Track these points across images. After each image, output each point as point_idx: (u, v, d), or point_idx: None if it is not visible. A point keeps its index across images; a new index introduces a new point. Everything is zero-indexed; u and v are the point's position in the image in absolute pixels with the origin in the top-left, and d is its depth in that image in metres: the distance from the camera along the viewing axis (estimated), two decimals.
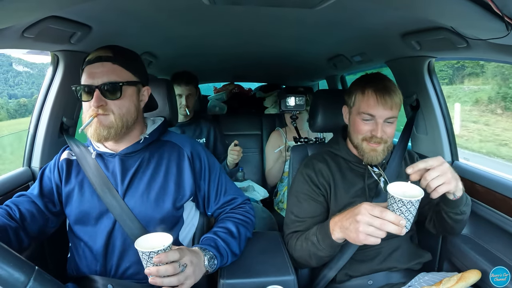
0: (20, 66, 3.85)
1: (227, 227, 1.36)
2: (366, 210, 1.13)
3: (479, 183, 1.64)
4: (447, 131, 1.89)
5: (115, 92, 1.21)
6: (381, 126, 1.42)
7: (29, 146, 1.71)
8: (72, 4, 1.14)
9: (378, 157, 1.46)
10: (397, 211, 1.09)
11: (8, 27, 1.11)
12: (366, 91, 1.44)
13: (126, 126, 1.26)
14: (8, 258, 0.64)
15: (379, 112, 1.42)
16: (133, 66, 1.29)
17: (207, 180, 1.43)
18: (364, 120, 1.45)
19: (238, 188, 1.54)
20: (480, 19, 0.96)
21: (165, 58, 2.55)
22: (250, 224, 1.45)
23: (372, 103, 1.42)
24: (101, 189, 1.28)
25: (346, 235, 1.21)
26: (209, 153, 1.49)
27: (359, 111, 1.46)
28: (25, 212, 1.27)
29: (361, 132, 1.46)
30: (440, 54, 1.74)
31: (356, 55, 2.32)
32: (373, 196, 1.52)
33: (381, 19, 1.50)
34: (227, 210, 1.46)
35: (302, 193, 1.53)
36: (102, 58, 1.22)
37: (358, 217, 1.13)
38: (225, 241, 1.30)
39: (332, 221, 1.29)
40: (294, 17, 1.58)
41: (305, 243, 1.39)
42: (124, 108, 1.25)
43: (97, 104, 1.19)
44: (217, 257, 1.25)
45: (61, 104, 1.73)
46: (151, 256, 1.03)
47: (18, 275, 0.63)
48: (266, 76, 4.33)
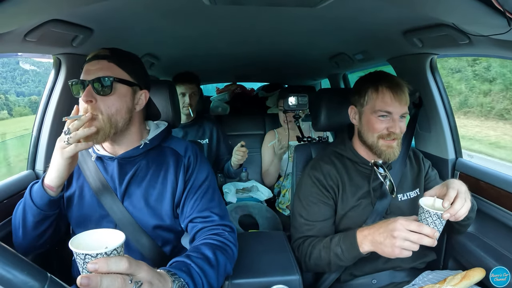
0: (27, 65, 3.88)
1: (202, 252, 1.14)
2: (402, 225, 1.16)
3: (483, 180, 1.63)
4: (450, 128, 1.88)
5: (106, 87, 1.17)
6: (398, 122, 1.43)
7: (33, 149, 1.72)
8: (73, 7, 1.14)
9: (395, 153, 1.46)
10: (431, 224, 1.14)
11: (10, 31, 1.12)
12: (380, 88, 1.43)
13: (115, 128, 1.21)
14: (21, 266, 0.64)
15: (396, 108, 1.42)
16: (130, 67, 1.26)
17: (192, 190, 1.32)
18: (380, 117, 1.44)
19: (225, 211, 1.36)
20: (482, 15, 0.95)
21: (167, 59, 2.56)
22: (230, 254, 1.22)
23: (388, 100, 1.41)
24: (100, 193, 1.28)
25: (379, 249, 1.22)
26: (209, 166, 1.42)
27: (374, 109, 1.44)
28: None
29: (378, 130, 1.45)
30: (443, 51, 1.73)
31: (358, 53, 2.32)
32: (378, 198, 1.51)
33: (383, 17, 1.49)
34: (199, 228, 1.27)
35: (311, 196, 1.52)
36: (99, 56, 1.21)
37: (395, 233, 1.16)
38: (200, 267, 1.07)
39: (360, 234, 1.29)
40: (295, 16, 1.58)
41: (324, 252, 1.38)
42: (114, 108, 1.19)
43: (86, 99, 1.15)
44: (190, 286, 1.00)
45: (64, 107, 1.74)
46: (87, 260, 0.76)
47: (32, 283, 0.63)
48: (268, 75, 4.33)
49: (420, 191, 1.59)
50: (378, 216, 1.49)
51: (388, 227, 1.19)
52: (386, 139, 1.44)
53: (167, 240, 1.33)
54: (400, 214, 1.50)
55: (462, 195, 1.19)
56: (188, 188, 1.31)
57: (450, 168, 1.86)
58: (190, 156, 1.35)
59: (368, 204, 1.51)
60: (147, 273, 0.84)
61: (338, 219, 1.52)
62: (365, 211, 1.50)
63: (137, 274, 0.81)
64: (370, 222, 1.47)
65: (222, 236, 1.24)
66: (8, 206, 1.44)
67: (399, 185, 1.54)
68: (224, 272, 1.18)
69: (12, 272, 0.62)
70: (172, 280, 0.94)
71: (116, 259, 0.77)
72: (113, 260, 0.77)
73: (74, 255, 0.77)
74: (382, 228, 1.21)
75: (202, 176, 1.34)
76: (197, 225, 1.27)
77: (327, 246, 1.37)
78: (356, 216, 1.49)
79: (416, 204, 1.54)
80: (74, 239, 0.81)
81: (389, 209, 1.51)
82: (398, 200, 1.53)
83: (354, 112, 1.55)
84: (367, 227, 1.29)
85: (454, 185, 1.22)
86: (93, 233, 0.86)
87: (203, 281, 1.05)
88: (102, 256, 0.76)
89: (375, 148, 1.47)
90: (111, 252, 0.78)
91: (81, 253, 0.76)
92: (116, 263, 0.77)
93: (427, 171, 1.64)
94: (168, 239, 1.34)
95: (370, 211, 1.49)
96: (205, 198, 1.31)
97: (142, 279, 0.83)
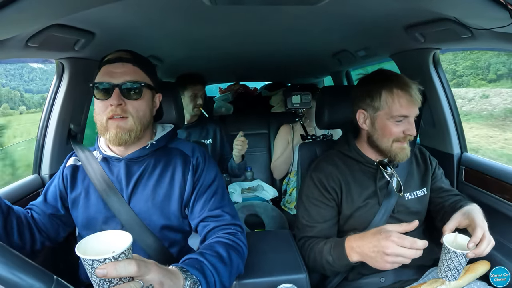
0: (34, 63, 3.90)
1: (216, 250, 1.13)
2: (395, 243, 1.13)
3: (489, 174, 1.63)
4: (455, 123, 1.87)
5: (136, 92, 1.20)
6: (414, 124, 1.40)
7: (38, 154, 1.73)
8: (74, 11, 1.14)
9: (408, 153, 1.44)
10: (456, 264, 1.17)
11: (12, 37, 1.12)
12: (396, 91, 1.39)
13: (143, 129, 1.26)
14: (27, 269, 0.64)
15: (412, 111, 1.39)
16: (150, 71, 1.29)
17: (202, 190, 1.32)
18: (397, 122, 1.40)
19: (235, 211, 1.37)
20: (484, 8, 0.95)
21: (169, 61, 2.56)
22: (242, 255, 1.22)
23: (405, 103, 1.37)
24: (106, 194, 1.28)
25: (370, 262, 1.21)
26: (217, 166, 1.42)
27: (392, 115, 1.39)
28: (37, 218, 1.32)
29: (395, 134, 1.41)
30: (445, 46, 1.72)
31: (360, 49, 2.31)
32: (385, 197, 1.50)
33: (384, 12, 1.48)
34: (212, 227, 1.27)
35: (313, 197, 1.51)
36: (123, 59, 1.22)
37: (388, 251, 1.13)
38: (214, 266, 1.06)
39: (348, 245, 1.28)
40: (297, 14, 1.58)
41: (319, 257, 1.38)
42: (141, 111, 1.23)
43: (117, 103, 1.17)
44: (202, 283, 0.98)
45: (68, 111, 1.75)
46: (94, 266, 0.75)
47: (38, 286, 0.63)
48: (271, 74, 4.33)
49: (427, 190, 1.57)
50: (385, 215, 1.48)
51: (380, 243, 1.15)
52: (400, 142, 1.42)
53: (174, 241, 1.33)
54: (407, 213, 1.50)
55: (487, 234, 1.18)
56: (197, 188, 1.31)
57: (456, 163, 1.85)
58: (198, 157, 1.35)
59: (375, 204, 1.50)
60: (157, 274, 0.83)
61: (344, 219, 1.51)
62: (372, 211, 1.49)
63: (146, 275, 0.81)
64: (377, 221, 1.47)
65: (235, 236, 1.24)
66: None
67: (405, 184, 1.53)
68: (237, 272, 1.18)
69: (18, 275, 0.63)
70: (184, 277, 0.94)
71: (125, 263, 0.76)
72: (122, 264, 0.76)
73: (82, 261, 0.76)
74: (373, 243, 1.18)
75: (211, 176, 1.35)
76: (209, 224, 1.27)
77: (320, 251, 1.37)
78: (363, 216, 1.48)
79: (424, 202, 1.54)
80: (81, 244, 0.79)
81: (396, 208, 1.50)
82: (405, 199, 1.52)
83: (364, 117, 1.49)
84: (355, 238, 1.27)
85: (478, 222, 1.21)
86: (99, 236, 0.84)
87: (216, 279, 1.04)
88: (110, 261, 0.75)
89: (389, 152, 1.44)
90: (119, 255, 0.76)
91: (89, 259, 0.74)
92: (124, 267, 0.76)
93: (434, 169, 1.62)
94: (175, 240, 1.34)
95: (377, 211, 1.49)
96: (216, 198, 1.31)
97: (152, 281, 0.82)
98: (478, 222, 1.21)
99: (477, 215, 1.25)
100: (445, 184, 1.62)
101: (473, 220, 1.22)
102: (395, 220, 1.49)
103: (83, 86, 1.73)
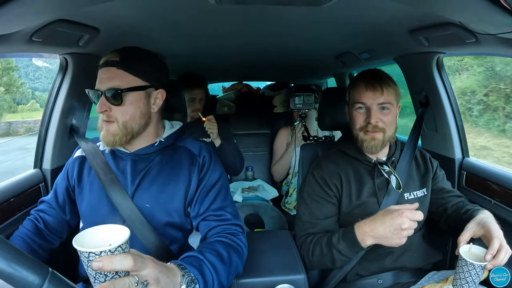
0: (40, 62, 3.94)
1: (216, 249, 1.13)
2: (408, 218, 1.18)
3: (490, 180, 1.62)
4: (457, 127, 1.87)
5: (116, 98, 1.21)
6: (374, 113, 1.45)
7: (40, 148, 1.74)
8: (79, 7, 1.15)
9: (377, 146, 1.47)
10: (474, 276, 1.16)
11: (16, 32, 1.13)
12: (357, 82, 1.50)
13: (131, 133, 1.26)
14: (22, 260, 0.64)
15: (369, 98, 1.45)
16: (141, 69, 1.26)
17: (206, 189, 1.33)
18: (358, 110, 1.49)
19: (237, 212, 1.37)
20: (488, 14, 0.94)
21: (173, 58, 2.56)
22: (241, 255, 1.22)
23: (362, 90, 1.46)
24: (110, 188, 1.28)
25: (386, 242, 1.25)
26: (222, 167, 1.42)
27: (353, 102, 1.50)
28: (48, 219, 1.38)
29: (357, 122, 1.49)
30: (449, 50, 1.72)
31: (364, 52, 2.30)
32: (384, 195, 1.50)
33: (389, 15, 1.48)
34: (213, 226, 1.27)
35: (314, 194, 1.52)
36: (108, 62, 1.23)
37: (405, 226, 1.18)
38: (213, 265, 1.06)
39: (360, 231, 1.30)
40: (301, 15, 1.58)
41: (327, 249, 1.38)
42: (128, 115, 1.23)
43: (101, 110, 1.21)
44: (200, 282, 0.98)
45: (71, 106, 1.76)
46: (91, 258, 0.74)
47: (33, 277, 0.63)
48: (274, 75, 4.32)
49: (427, 190, 1.57)
50: None
51: (395, 221, 1.19)
52: (367, 131, 1.46)
53: (175, 239, 1.34)
54: None
55: (504, 244, 1.18)
56: (201, 187, 1.32)
57: (457, 167, 1.85)
58: (205, 156, 1.36)
59: (374, 203, 1.50)
60: (153, 269, 0.82)
61: (343, 216, 1.51)
62: (371, 209, 1.49)
63: (142, 270, 0.80)
64: None
65: (236, 236, 1.24)
66: (15, 204, 1.46)
67: (405, 184, 1.53)
68: (235, 272, 1.18)
69: (12, 266, 0.63)
70: (181, 274, 0.93)
71: (121, 257, 0.75)
72: (118, 258, 0.75)
73: (78, 254, 0.76)
74: (387, 223, 1.21)
75: (216, 175, 1.35)
76: (211, 223, 1.27)
77: (329, 243, 1.38)
78: (362, 214, 1.48)
79: (424, 202, 1.53)
80: (78, 236, 0.79)
81: None
82: (405, 199, 1.52)
83: (347, 111, 1.60)
84: (365, 223, 1.29)
85: (495, 232, 1.21)
86: (97, 230, 0.84)
87: (214, 278, 1.04)
88: (106, 254, 0.74)
89: (358, 141, 1.50)
90: (115, 249, 0.76)
91: (85, 252, 0.74)
92: (120, 261, 0.75)
93: (435, 171, 1.63)
94: (176, 238, 1.34)
95: (376, 210, 1.48)
96: (219, 197, 1.32)
97: (148, 276, 0.81)
98: (495, 232, 1.20)
99: (492, 225, 1.24)
100: (447, 185, 1.63)
101: (489, 231, 1.21)
102: None
103: (87, 82, 1.73)
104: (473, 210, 1.40)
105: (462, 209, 1.47)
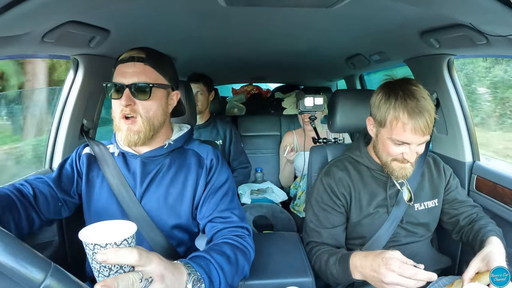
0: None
1: (223, 250, 1.12)
2: (394, 272, 1.09)
3: (501, 184, 1.60)
4: (468, 130, 1.84)
5: (144, 93, 1.21)
6: (413, 152, 1.34)
7: (51, 148, 1.76)
8: (90, 9, 1.16)
9: (408, 173, 1.41)
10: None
11: (28, 32, 1.14)
12: (402, 116, 1.29)
13: (153, 129, 1.26)
14: (25, 254, 0.65)
15: (414, 140, 1.31)
16: (164, 69, 1.29)
17: (213, 191, 1.32)
18: (397, 144, 1.35)
19: (244, 214, 1.36)
20: (500, 15, 0.94)
21: (183, 60, 2.58)
22: (248, 257, 1.21)
23: (409, 131, 1.29)
24: (118, 190, 1.29)
25: (372, 283, 1.20)
26: (229, 169, 1.42)
27: (391, 137, 1.34)
28: (39, 193, 1.24)
29: (392, 154, 1.37)
30: (460, 52, 1.70)
31: (374, 54, 2.30)
32: (394, 205, 1.48)
33: (400, 17, 1.47)
34: (219, 228, 1.26)
35: (322, 202, 1.50)
36: (134, 58, 1.23)
37: (386, 280, 1.10)
38: (220, 265, 1.05)
39: (352, 263, 1.26)
40: (311, 17, 1.58)
41: (324, 267, 1.37)
42: (151, 111, 1.24)
43: (126, 103, 1.19)
44: (205, 281, 0.96)
45: (82, 107, 1.78)
46: (96, 251, 0.73)
47: (36, 272, 0.64)
48: (284, 76, 4.33)
49: (439, 201, 1.55)
50: (393, 224, 1.47)
51: (380, 269, 1.12)
52: (399, 161, 1.39)
53: (181, 241, 1.34)
54: (416, 224, 1.49)
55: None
56: (208, 189, 1.32)
57: (467, 171, 1.82)
58: (212, 159, 1.36)
59: (383, 213, 1.49)
60: (158, 266, 0.81)
61: (352, 226, 1.50)
62: (380, 219, 1.48)
63: (147, 266, 0.78)
64: (384, 230, 1.46)
65: (243, 238, 1.23)
66: None
67: (416, 194, 1.50)
68: (242, 274, 1.17)
69: (15, 260, 0.63)
70: (188, 272, 0.92)
71: (126, 251, 0.74)
72: (123, 251, 0.74)
73: (84, 246, 0.75)
74: (373, 267, 1.15)
75: (223, 177, 1.36)
76: (217, 225, 1.26)
77: (326, 263, 1.36)
78: (371, 224, 1.47)
79: (434, 213, 1.51)
80: (84, 230, 0.79)
81: (405, 218, 1.48)
82: (414, 209, 1.50)
83: (372, 125, 1.46)
84: (360, 256, 1.24)
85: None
86: (104, 224, 0.84)
87: (221, 279, 1.03)
88: (111, 247, 0.74)
89: (387, 167, 1.43)
90: (121, 242, 0.75)
91: (91, 243, 0.73)
92: (125, 254, 0.74)
93: (448, 180, 1.59)
94: (183, 240, 1.35)
95: (385, 219, 1.47)
96: (226, 199, 1.32)
97: (153, 273, 0.79)
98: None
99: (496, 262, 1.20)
100: (460, 195, 1.58)
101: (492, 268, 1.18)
102: (403, 230, 1.48)
103: (97, 83, 1.75)
104: (484, 234, 1.36)
105: (475, 225, 1.44)
